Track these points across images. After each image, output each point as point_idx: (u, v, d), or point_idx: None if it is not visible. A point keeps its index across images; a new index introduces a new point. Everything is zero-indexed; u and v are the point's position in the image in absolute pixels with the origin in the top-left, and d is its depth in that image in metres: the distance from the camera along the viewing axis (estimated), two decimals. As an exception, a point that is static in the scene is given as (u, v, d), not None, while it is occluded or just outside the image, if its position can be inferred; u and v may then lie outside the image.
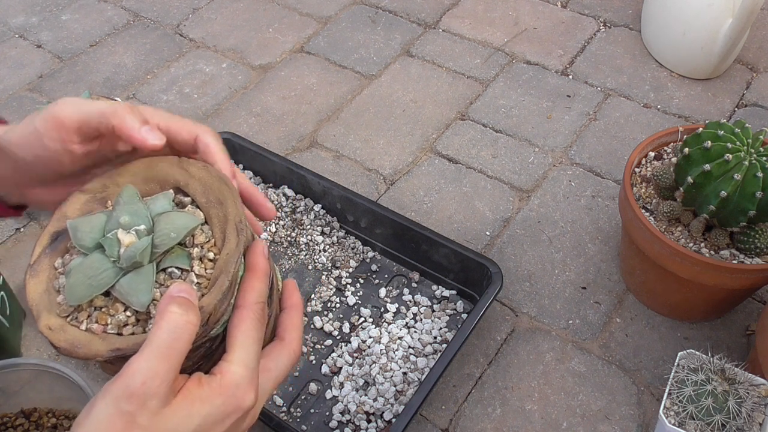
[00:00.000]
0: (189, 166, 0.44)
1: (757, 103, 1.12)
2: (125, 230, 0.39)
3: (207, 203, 0.42)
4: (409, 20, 1.33)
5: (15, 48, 1.32)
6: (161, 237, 0.39)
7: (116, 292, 0.38)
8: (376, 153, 1.08)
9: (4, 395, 0.72)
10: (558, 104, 1.14)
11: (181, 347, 0.35)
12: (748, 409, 0.64)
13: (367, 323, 0.86)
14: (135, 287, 0.38)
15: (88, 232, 0.40)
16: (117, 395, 0.34)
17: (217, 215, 0.41)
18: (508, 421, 0.78)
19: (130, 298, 0.38)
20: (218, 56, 1.28)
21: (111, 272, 0.38)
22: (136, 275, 0.38)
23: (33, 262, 0.41)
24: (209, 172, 0.43)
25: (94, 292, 0.38)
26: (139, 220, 0.40)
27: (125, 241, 0.39)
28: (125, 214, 0.40)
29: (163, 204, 0.41)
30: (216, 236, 0.41)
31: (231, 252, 0.40)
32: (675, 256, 0.74)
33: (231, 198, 0.42)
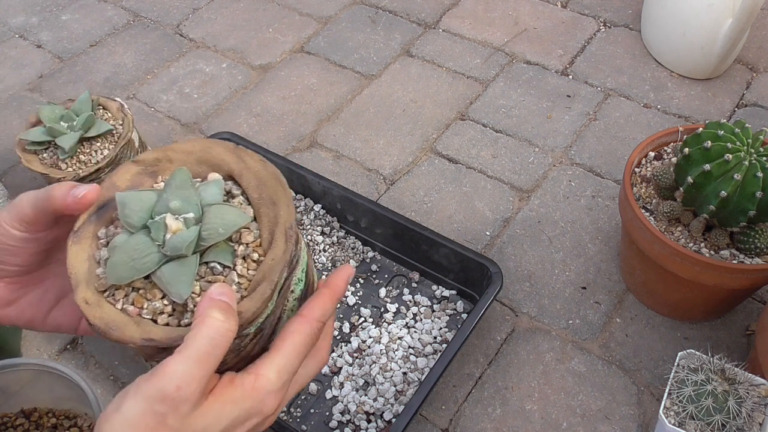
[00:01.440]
0: (245, 155, 0.43)
1: (757, 103, 1.12)
2: (174, 216, 0.38)
3: (259, 200, 0.41)
4: (409, 20, 1.33)
5: (15, 48, 1.32)
6: (209, 230, 0.38)
7: (156, 279, 0.38)
8: (376, 153, 1.08)
9: (4, 395, 0.72)
10: (558, 104, 1.14)
11: (219, 354, 0.35)
12: (748, 409, 0.64)
13: (367, 323, 0.86)
14: (176, 278, 0.37)
15: (137, 210, 0.39)
16: (150, 395, 0.33)
17: (268, 215, 0.40)
18: (508, 421, 0.78)
19: (171, 288, 0.37)
20: (218, 56, 1.28)
21: (155, 257, 0.38)
22: (178, 265, 0.38)
23: (77, 228, 0.40)
24: (266, 166, 0.42)
25: (136, 275, 0.38)
26: (189, 207, 0.39)
27: (172, 227, 0.38)
28: (176, 198, 0.39)
29: (213, 193, 0.40)
30: (263, 236, 0.40)
31: (277, 259, 0.39)
32: (675, 256, 0.74)
33: (285, 200, 0.41)
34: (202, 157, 0.43)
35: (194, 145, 0.43)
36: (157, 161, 0.43)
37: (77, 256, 0.39)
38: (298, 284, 0.42)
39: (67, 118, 0.93)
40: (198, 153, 0.43)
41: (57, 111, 0.94)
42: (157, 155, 0.43)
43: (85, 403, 0.68)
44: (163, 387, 0.33)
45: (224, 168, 0.43)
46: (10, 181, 1.07)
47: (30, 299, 0.45)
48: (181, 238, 0.38)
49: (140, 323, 0.37)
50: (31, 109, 1.18)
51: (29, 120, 0.97)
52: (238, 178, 0.42)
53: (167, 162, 0.43)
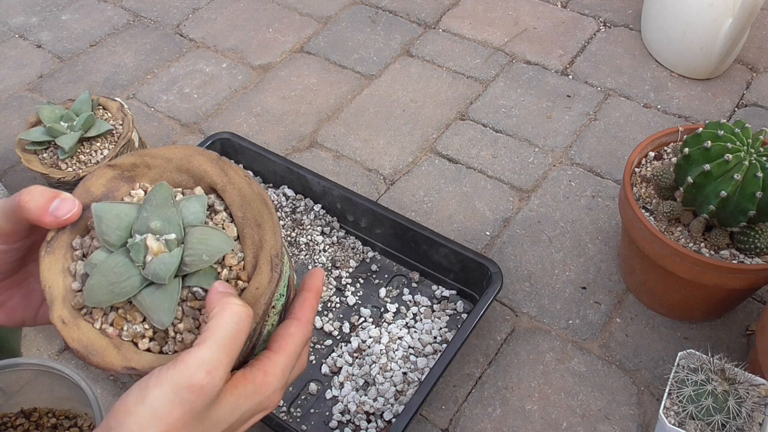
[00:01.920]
0: (229, 168, 0.41)
1: (757, 103, 1.12)
2: (155, 236, 0.37)
3: (243, 219, 0.39)
4: (409, 20, 1.33)
5: (15, 48, 1.32)
6: (192, 257, 0.37)
7: (137, 303, 0.37)
8: (376, 153, 1.08)
9: (4, 395, 0.72)
10: (558, 104, 1.14)
11: (243, 339, 0.35)
12: (748, 409, 0.64)
13: (367, 323, 0.86)
14: (158, 304, 0.36)
15: (115, 228, 0.37)
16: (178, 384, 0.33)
17: (252, 237, 0.39)
18: (508, 421, 0.78)
19: (152, 315, 0.36)
20: (218, 56, 1.28)
21: (135, 280, 0.36)
22: (160, 291, 0.36)
23: (50, 238, 0.38)
24: (251, 184, 0.40)
25: (115, 299, 0.36)
26: (171, 228, 0.37)
27: (153, 248, 0.36)
28: (157, 218, 0.37)
29: (196, 210, 0.39)
30: (247, 260, 0.39)
31: (262, 288, 0.37)
32: (675, 256, 0.74)
33: (270, 224, 0.39)
34: (183, 166, 0.41)
35: (175, 152, 0.41)
36: (134, 166, 0.41)
37: (51, 268, 0.38)
38: (279, 299, 0.41)
39: (67, 118, 0.93)
40: (178, 161, 0.41)
41: (57, 111, 0.94)
42: (135, 160, 0.41)
43: (85, 403, 0.68)
44: (192, 374, 0.33)
45: (206, 180, 0.41)
46: (10, 181, 1.07)
47: (16, 301, 0.44)
48: (164, 265, 0.36)
49: (121, 347, 0.36)
50: (31, 109, 1.18)
51: (29, 120, 0.97)
52: (221, 192, 0.40)
53: (145, 167, 0.41)
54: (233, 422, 0.36)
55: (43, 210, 0.37)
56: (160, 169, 0.41)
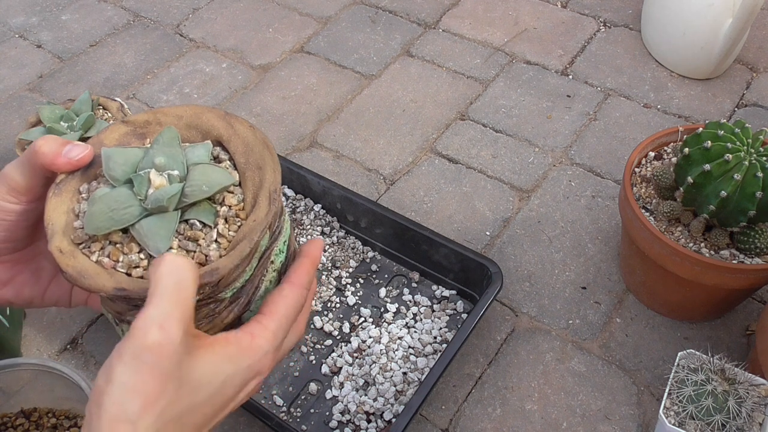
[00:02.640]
0: (235, 121, 0.42)
1: (757, 103, 1.12)
2: (158, 171, 0.38)
3: (245, 164, 0.41)
4: (409, 20, 1.33)
5: (15, 48, 1.32)
6: (192, 187, 0.38)
7: (135, 232, 0.37)
8: (376, 153, 1.08)
9: (4, 395, 0.72)
10: (558, 104, 1.14)
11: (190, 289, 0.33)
12: (748, 409, 0.64)
13: (367, 323, 0.86)
14: (155, 231, 0.37)
15: (121, 164, 0.39)
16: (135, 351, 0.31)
17: (253, 179, 0.40)
18: (508, 421, 0.78)
19: (148, 242, 0.37)
20: (218, 56, 1.28)
21: (135, 210, 0.37)
22: (158, 219, 0.37)
23: (59, 181, 0.39)
24: (254, 132, 0.42)
25: (114, 225, 0.37)
26: (174, 165, 0.39)
27: (156, 182, 0.38)
28: (161, 155, 0.38)
29: (200, 154, 0.40)
30: (247, 200, 0.40)
31: (259, 220, 0.38)
32: (675, 256, 0.74)
33: (271, 164, 0.40)
34: (192, 122, 0.43)
35: (185, 110, 0.43)
36: (146, 123, 0.42)
37: (56, 208, 0.39)
38: (278, 255, 0.41)
39: (67, 118, 0.93)
40: (188, 118, 0.43)
41: (57, 111, 0.94)
42: (148, 117, 0.42)
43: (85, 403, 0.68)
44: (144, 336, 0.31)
45: (213, 134, 0.42)
46: (10, 181, 1.07)
47: (25, 277, 0.44)
48: (164, 192, 0.37)
49: (113, 275, 0.37)
50: (31, 109, 1.18)
51: (29, 120, 0.97)
52: (227, 143, 0.42)
53: (157, 125, 0.42)
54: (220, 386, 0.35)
55: (57, 153, 0.38)
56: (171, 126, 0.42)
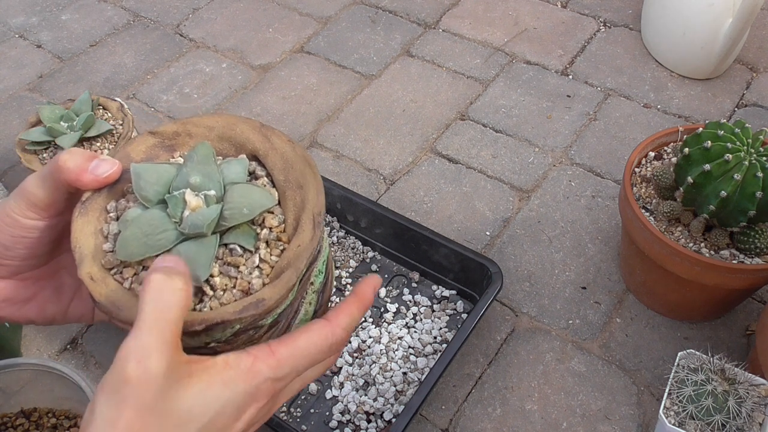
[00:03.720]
0: (272, 134, 0.40)
1: (757, 103, 1.12)
2: (193, 192, 0.36)
3: (285, 182, 0.38)
4: (409, 20, 1.33)
5: (15, 48, 1.32)
6: (232, 210, 0.35)
7: None
8: (376, 153, 1.08)
9: (4, 395, 0.72)
10: (558, 104, 1.14)
11: (172, 316, 0.31)
12: (748, 409, 0.64)
13: (367, 323, 0.86)
14: (194, 258, 0.34)
15: (153, 183, 0.36)
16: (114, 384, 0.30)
17: (294, 199, 0.38)
18: (508, 421, 0.78)
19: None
20: (218, 56, 1.28)
21: (171, 234, 0.35)
22: (197, 245, 0.35)
23: (85, 199, 0.37)
24: (294, 148, 0.39)
25: (149, 252, 0.35)
26: (211, 185, 0.36)
27: (192, 204, 0.35)
28: (197, 174, 0.36)
29: (237, 171, 0.38)
30: (288, 222, 0.37)
31: (304, 245, 0.36)
32: (675, 256, 0.74)
33: (314, 184, 0.38)
34: (225, 134, 0.40)
35: (217, 121, 0.40)
36: (176, 135, 0.40)
37: (83, 229, 0.36)
38: (318, 276, 0.39)
39: (67, 118, 0.93)
40: (220, 129, 0.40)
41: (57, 111, 0.94)
42: (177, 128, 0.40)
43: (85, 403, 0.68)
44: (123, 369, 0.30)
45: (248, 147, 0.40)
46: (10, 181, 1.07)
47: (47, 294, 0.42)
48: (202, 216, 0.35)
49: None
50: (31, 109, 1.18)
51: (29, 120, 0.97)
52: (263, 158, 0.39)
53: (187, 136, 0.40)
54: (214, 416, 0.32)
55: (82, 169, 0.36)
56: (202, 138, 0.40)
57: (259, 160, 0.40)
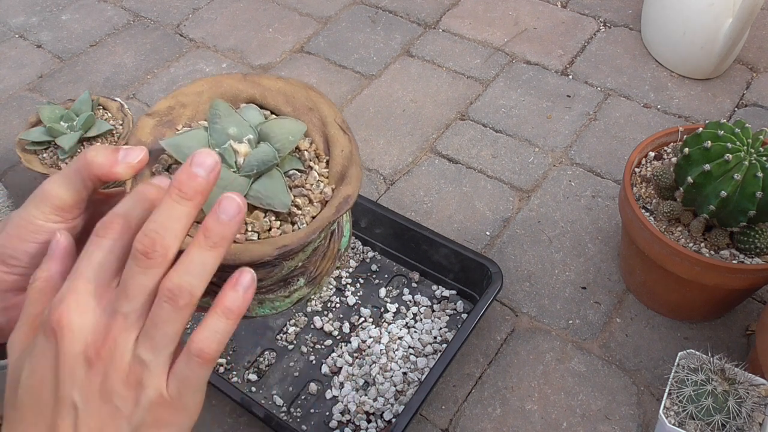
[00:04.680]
0: (259, 79, 0.42)
1: (757, 103, 1.12)
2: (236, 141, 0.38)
3: (294, 112, 0.41)
4: (409, 20, 1.33)
5: (15, 48, 1.32)
6: (280, 141, 0.38)
7: (252, 199, 0.37)
8: (376, 153, 1.08)
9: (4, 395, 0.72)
10: (558, 104, 1.14)
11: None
12: (748, 409, 0.64)
13: (367, 323, 0.86)
14: (272, 190, 0.37)
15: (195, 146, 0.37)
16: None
17: (311, 121, 0.40)
18: (508, 421, 0.78)
19: (272, 201, 0.37)
20: (218, 56, 1.28)
21: (241, 180, 0.37)
22: (268, 180, 0.37)
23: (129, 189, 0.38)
24: (289, 82, 0.42)
25: None
26: (246, 131, 0.38)
27: (242, 151, 0.37)
28: (231, 125, 0.38)
29: (254, 115, 0.40)
30: (316, 140, 0.40)
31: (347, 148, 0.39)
32: (675, 256, 0.74)
33: (324, 101, 0.41)
34: (215, 93, 0.42)
35: (202, 84, 0.42)
36: (170, 109, 0.41)
37: None
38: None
39: (67, 118, 0.93)
40: (209, 91, 0.42)
41: (57, 111, 0.94)
42: (169, 103, 0.41)
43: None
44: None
45: (242, 97, 0.42)
46: (10, 181, 1.07)
47: None
48: (263, 153, 0.37)
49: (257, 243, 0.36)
50: (31, 109, 1.18)
51: (29, 120, 0.97)
52: (262, 100, 0.42)
53: (181, 107, 0.41)
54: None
55: (113, 161, 0.36)
56: (195, 105, 0.42)
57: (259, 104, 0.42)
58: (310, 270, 0.40)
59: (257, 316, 0.41)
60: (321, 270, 0.41)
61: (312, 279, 0.41)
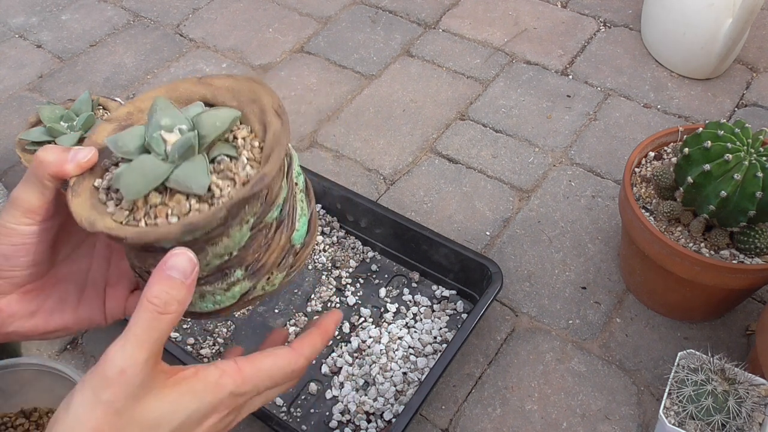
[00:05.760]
0: (211, 80, 0.44)
1: (757, 103, 1.12)
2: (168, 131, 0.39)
3: (240, 105, 0.42)
4: (409, 20, 1.33)
5: (15, 48, 1.32)
6: (206, 128, 0.39)
7: (174, 183, 0.38)
8: (376, 153, 1.08)
9: (4, 395, 0.72)
10: (558, 104, 1.14)
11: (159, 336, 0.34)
12: (748, 409, 0.64)
13: (367, 323, 0.86)
14: (192, 173, 0.38)
15: (130, 140, 0.39)
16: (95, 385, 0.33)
17: (253, 111, 0.41)
18: (508, 421, 0.78)
19: (190, 184, 0.38)
20: (218, 56, 1.28)
21: (164, 166, 0.38)
22: (190, 164, 0.38)
23: (72, 183, 0.40)
24: (236, 79, 0.43)
25: (152, 183, 0.38)
26: (180, 121, 0.39)
27: (171, 140, 0.38)
28: (165, 117, 0.39)
29: (196, 109, 0.41)
30: (255, 129, 0.41)
31: (277, 131, 0.40)
32: (675, 256, 0.74)
33: (265, 91, 0.42)
34: (171, 97, 0.43)
35: (159, 91, 0.44)
36: (129, 115, 0.43)
37: (81, 205, 0.39)
38: (299, 176, 0.44)
39: (67, 118, 0.93)
40: (165, 95, 0.43)
41: (57, 111, 0.94)
42: (128, 109, 0.43)
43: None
44: (106, 373, 0.33)
45: (195, 98, 0.43)
46: (10, 181, 1.07)
47: (51, 305, 0.44)
48: (185, 139, 0.38)
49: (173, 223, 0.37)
50: (31, 109, 1.18)
51: (29, 120, 0.97)
52: (213, 100, 0.43)
53: (138, 113, 0.43)
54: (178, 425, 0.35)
55: (62, 160, 0.39)
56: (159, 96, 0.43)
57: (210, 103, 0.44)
58: (249, 261, 0.40)
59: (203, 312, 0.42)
60: (264, 262, 0.41)
61: (254, 272, 0.41)
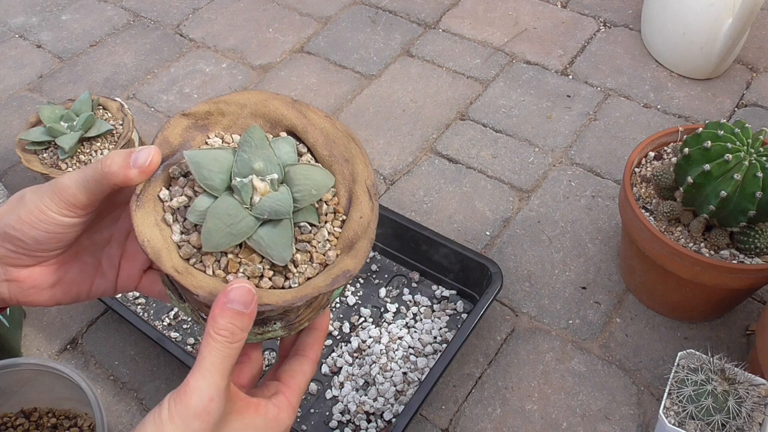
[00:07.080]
0: (306, 110, 0.41)
1: (757, 103, 1.12)
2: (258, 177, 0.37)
3: (330, 157, 0.40)
4: (409, 20, 1.33)
5: (15, 48, 1.32)
6: (302, 192, 0.37)
7: (254, 243, 0.37)
8: (376, 153, 1.08)
9: (4, 395, 0.72)
10: (558, 104, 1.14)
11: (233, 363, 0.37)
12: (748, 409, 0.64)
13: (367, 323, 0.86)
14: (276, 241, 0.36)
15: (217, 172, 0.37)
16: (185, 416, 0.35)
17: (342, 173, 0.40)
18: (508, 421, 0.78)
19: (272, 252, 0.36)
20: (218, 56, 1.28)
21: (250, 220, 0.36)
22: (275, 228, 0.37)
23: (139, 192, 0.38)
24: (333, 123, 0.41)
25: (233, 241, 0.36)
26: (272, 169, 0.37)
27: (260, 189, 0.37)
28: (259, 159, 0.37)
29: (288, 151, 0.39)
30: (340, 194, 0.39)
31: (367, 216, 0.38)
32: (675, 256, 0.74)
33: (360, 158, 0.40)
34: (258, 111, 0.41)
35: (248, 97, 0.41)
36: (208, 114, 0.40)
37: (144, 221, 0.37)
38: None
39: (67, 118, 0.93)
40: (253, 106, 0.41)
41: (57, 111, 0.94)
42: (209, 108, 0.40)
43: (85, 403, 0.68)
44: (196, 403, 0.35)
45: (284, 123, 0.41)
46: (10, 181, 1.07)
47: (72, 276, 0.44)
48: (280, 202, 0.36)
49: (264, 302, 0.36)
50: (31, 109, 1.18)
51: (29, 120, 0.97)
52: (302, 134, 0.41)
53: (219, 115, 0.41)
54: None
55: (125, 167, 0.37)
56: (234, 116, 0.41)
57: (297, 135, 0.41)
58: (291, 317, 0.40)
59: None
60: (302, 318, 0.40)
61: (290, 325, 0.40)
